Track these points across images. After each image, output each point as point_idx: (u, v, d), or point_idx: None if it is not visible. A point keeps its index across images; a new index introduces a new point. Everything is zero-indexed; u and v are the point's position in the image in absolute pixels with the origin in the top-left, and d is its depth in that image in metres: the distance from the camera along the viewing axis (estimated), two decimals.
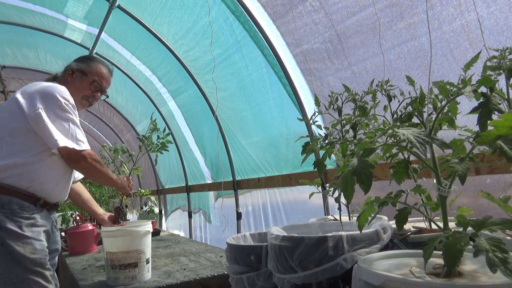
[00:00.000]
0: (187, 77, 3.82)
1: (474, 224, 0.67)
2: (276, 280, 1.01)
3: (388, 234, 1.00)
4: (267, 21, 2.63)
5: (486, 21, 1.50)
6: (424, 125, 0.82)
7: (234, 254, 1.26)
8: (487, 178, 1.62)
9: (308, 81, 2.57)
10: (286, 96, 2.75)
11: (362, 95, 1.21)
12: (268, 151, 3.19)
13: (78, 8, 3.80)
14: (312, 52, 2.44)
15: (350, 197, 0.79)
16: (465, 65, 0.88)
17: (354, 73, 2.21)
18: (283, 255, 0.95)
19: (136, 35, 3.87)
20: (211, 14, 2.89)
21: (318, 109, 1.37)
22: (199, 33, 3.23)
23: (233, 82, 3.27)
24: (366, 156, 0.75)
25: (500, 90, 0.77)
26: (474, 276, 0.70)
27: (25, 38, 4.62)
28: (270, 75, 2.84)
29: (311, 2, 2.26)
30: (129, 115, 6.10)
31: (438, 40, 1.70)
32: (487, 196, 0.89)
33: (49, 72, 5.64)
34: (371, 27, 2.01)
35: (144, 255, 1.84)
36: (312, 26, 2.34)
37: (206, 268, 2.04)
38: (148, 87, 4.83)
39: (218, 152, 3.71)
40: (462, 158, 0.70)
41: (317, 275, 0.91)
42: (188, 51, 3.58)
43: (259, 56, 2.83)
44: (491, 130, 0.61)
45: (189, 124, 4.51)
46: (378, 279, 0.69)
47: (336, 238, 0.92)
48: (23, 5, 3.85)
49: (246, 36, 2.82)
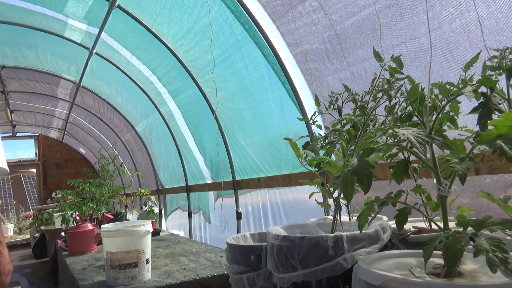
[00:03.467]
0: (187, 77, 3.82)
1: (474, 224, 0.67)
2: (276, 280, 1.01)
3: (388, 234, 1.00)
4: (267, 21, 2.63)
5: (486, 21, 1.50)
6: (424, 125, 0.82)
7: (234, 254, 1.26)
8: (486, 178, 1.62)
9: (308, 81, 2.57)
10: (286, 96, 2.75)
11: (362, 95, 1.22)
12: (268, 151, 3.19)
13: (78, 8, 3.80)
14: (311, 52, 2.44)
15: (350, 197, 0.79)
16: (465, 65, 0.88)
17: (353, 73, 2.21)
18: (283, 255, 0.95)
19: (136, 35, 3.87)
20: (211, 14, 2.89)
21: (318, 109, 1.37)
22: (199, 33, 3.23)
23: (233, 82, 3.27)
24: (366, 156, 0.75)
25: (500, 90, 0.77)
26: (474, 276, 0.70)
27: (25, 38, 4.62)
28: (270, 75, 2.85)
29: (311, 3, 2.26)
30: (129, 115, 6.10)
31: (438, 40, 1.70)
32: (487, 196, 0.89)
33: (49, 72, 5.67)
34: (370, 28, 2.01)
35: (144, 255, 1.84)
36: (312, 27, 2.34)
37: (206, 268, 2.04)
38: (148, 87, 4.83)
39: (218, 152, 3.71)
40: (462, 158, 0.70)
41: (316, 274, 0.91)
42: (188, 51, 3.58)
43: (259, 56, 2.83)
44: (491, 130, 0.61)
45: (189, 124, 4.51)
46: (378, 279, 0.69)
47: (336, 238, 0.92)
48: (23, 5, 3.85)
49: (246, 36, 2.82)
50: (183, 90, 4.18)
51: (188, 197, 5.05)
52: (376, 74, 1.05)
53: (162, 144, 5.49)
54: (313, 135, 2.16)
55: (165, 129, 5.06)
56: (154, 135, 5.73)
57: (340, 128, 1.25)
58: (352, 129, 1.24)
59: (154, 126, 5.48)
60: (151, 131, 5.76)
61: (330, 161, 1.15)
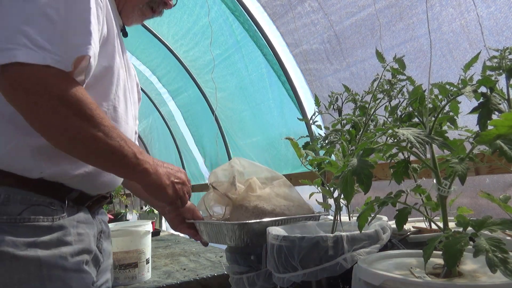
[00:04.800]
0: (187, 77, 3.82)
1: (474, 224, 0.67)
2: (276, 280, 1.01)
3: (388, 234, 1.00)
4: (267, 21, 2.63)
5: (486, 21, 1.50)
6: (424, 125, 0.82)
7: (234, 254, 1.26)
8: (486, 178, 1.62)
9: (308, 81, 2.58)
10: (286, 96, 2.75)
11: (362, 95, 1.22)
12: (268, 151, 3.19)
13: None
14: (311, 53, 2.44)
15: (350, 197, 0.79)
16: (465, 65, 0.88)
17: (353, 73, 2.22)
18: (283, 255, 0.95)
19: (136, 35, 3.87)
20: (211, 14, 2.90)
21: (318, 109, 1.38)
22: (199, 33, 3.24)
23: (233, 82, 3.27)
24: (366, 156, 0.76)
25: (500, 90, 0.77)
26: (474, 276, 0.70)
27: None
28: (270, 75, 2.85)
29: (310, 3, 2.26)
30: None
31: (438, 40, 1.71)
32: (487, 196, 0.89)
33: None
34: (370, 28, 2.01)
35: (144, 255, 1.84)
36: (311, 27, 2.34)
37: (206, 268, 2.04)
38: (148, 87, 4.83)
39: (217, 152, 3.71)
40: (462, 158, 0.70)
41: (316, 274, 0.91)
42: (188, 51, 3.58)
43: (259, 56, 2.83)
44: (491, 130, 0.61)
45: (188, 124, 4.51)
46: (378, 279, 0.69)
47: (336, 238, 0.92)
48: None
49: (246, 36, 2.82)
50: (183, 90, 4.18)
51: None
52: (378, 75, 1.05)
53: (162, 144, 5.49)
54: (313, 135, 2.16)
55: (165, 129, 5.06)
56: (154, 135, 5.73)
57: (341, 129, 1.25)
58: (353, 130, 1.24)
59: (154, 126, 5.48)
60: (151, 131, 5.76)
61: (331, 161, 1.15)
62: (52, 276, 0.82)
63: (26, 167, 0.83)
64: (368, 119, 1.09)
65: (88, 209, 0.98)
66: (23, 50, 0.72)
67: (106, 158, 0.84)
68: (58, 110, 0.76)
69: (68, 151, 0.83)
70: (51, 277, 0.81)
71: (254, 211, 1.24)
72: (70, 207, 0.90)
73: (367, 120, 1.09)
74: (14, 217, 0.80)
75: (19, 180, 0.82)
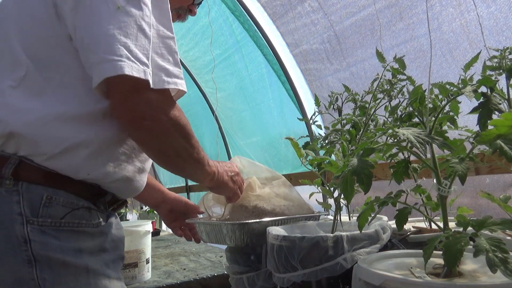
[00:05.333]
0: (187, 77, 3.82)
1: (474, 224, 0.67)
2: (276, 280, 1.01)
3: (388, 234, 1.00)
4: (267, 21, 2.63)
5: (486, 21, 1.50)
6: (424, 125, 0.82)
7: (234, 254, 1.26)
8: (486, 178, 1.62)
9: (308, 81, 2.58)
10: (286, 96, 2.75)
11: (362, 95, 1.22)
12: (268, 151, 3.19)
13: None
14: (311, 53, 2.44)
15: (350, 197, 0.79)
16: (465, 65, 0.88)
17: (353, 73, 2.22)
18: (283, 255, 0.95)
19: None
20: (211, 14, 2.90)
21: (318, 109, 1.38)
22: (199, 33, 3.23)
23: (233, 82, 3.28)
24: (366, 156, 0.76)
25: (500, 90, 0.77)
26: (474, 276, 0.70)
27: None
28: (270, 75, 2.85)
29: (310, 3, 2.26)
30: None
31: (438, 40, 1.71)
32: (487, 196, 0.89)
33: None
34: (370, 28, 2.01)
35: (144, 255, 1.84)
36: (311, 27, 2.34)
37: (206, 268, 2.04)
38: None
39: (217, 152, 3.71)
40: (462, 158, 0.70)
41: (316, 274, 0.91)
42: (188, 51, 3.58)
43: (259, 56, 2.83)
44: (491, 130, 0.61)
45: None
46: (378, 279, 0.69)
47: (336, 238, 0.92)
48: None
49: (246, 36, 2.82)
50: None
51: (188, 197, 5.04)
52: (378, 75, 1.05)
53: None
54: (313, 135, 2.16)
55: None
56: None
57: (341, 128, 1.25)
58: (353, 129, 1.24)
59: None
60: None
61: (331, 161, 1.15)
62: (99, 285, 0.77)
63: (75, 167, 0.77)
64: (368, 119, 1.09)
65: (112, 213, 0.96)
66: (127, 64, 0.71)
67: (194, 169, 0.97)
68: (171, 133, 0.84)
69: (166, 165, 0.90)
70: (97, 286, 0.77)
71: (253, 211, 1.24)
72: (101, 211, 0.86)
73: (367, 120, 1.09)
74: (58, 220, 0.74)
75: (61, 181, 0.76)
